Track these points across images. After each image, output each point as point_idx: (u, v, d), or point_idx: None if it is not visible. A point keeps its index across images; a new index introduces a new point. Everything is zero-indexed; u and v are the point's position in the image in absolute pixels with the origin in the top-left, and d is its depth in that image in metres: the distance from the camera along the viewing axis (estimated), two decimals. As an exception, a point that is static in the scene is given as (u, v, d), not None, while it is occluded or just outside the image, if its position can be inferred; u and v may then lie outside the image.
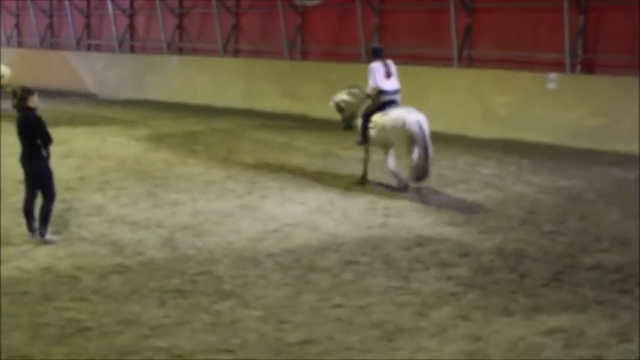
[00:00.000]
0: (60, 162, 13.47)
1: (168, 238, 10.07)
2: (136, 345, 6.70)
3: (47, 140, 9.69)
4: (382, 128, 12.98)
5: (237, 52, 28.66)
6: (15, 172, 14.03)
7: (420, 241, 10.09)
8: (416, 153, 12.34)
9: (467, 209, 11.98)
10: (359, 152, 16.10)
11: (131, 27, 32.88)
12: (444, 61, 21.92)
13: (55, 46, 37.13)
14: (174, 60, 30.03)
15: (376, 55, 13.77)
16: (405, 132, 12.50)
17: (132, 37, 32.98)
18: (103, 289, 8.07)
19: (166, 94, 29.00)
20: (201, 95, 27.74)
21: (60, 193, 11.86)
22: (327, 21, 25.62)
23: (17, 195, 12.20)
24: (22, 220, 10.17)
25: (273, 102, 25.26)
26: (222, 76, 27.75)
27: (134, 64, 31.89)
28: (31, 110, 9.72)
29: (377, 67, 13.36)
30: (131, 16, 32.77)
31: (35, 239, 9.74)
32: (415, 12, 23.14)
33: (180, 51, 30.79)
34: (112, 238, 10.00)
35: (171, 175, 14.38)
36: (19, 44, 39.44)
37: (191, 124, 21.72)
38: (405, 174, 12.88)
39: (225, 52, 28.54)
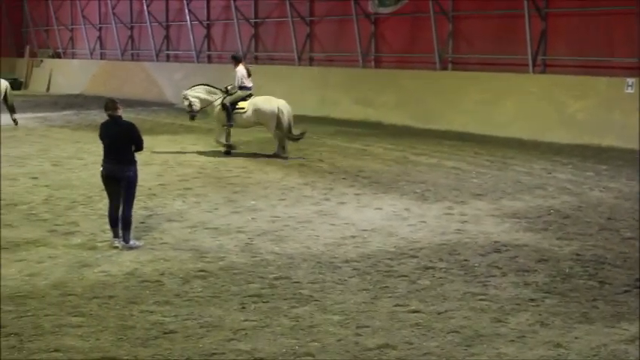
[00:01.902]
0: (142, 169, 13.73)
1: (248, 243, 10.27)
2: (219, 348, 6.86)
3: (140, 147, 10.05)
4: (256, 111, 17.70)
5: (311, 61, 28.91)
6: (98, 179, 14.53)
7: (498, 247, 10.08)
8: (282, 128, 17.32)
9: (544, 215, 11.90)
10: (432, 158, 16.24)
11: (208, 37, 33.48)
12: (518, 67, 21.74)
13: (135, 57, 38.01)
14: (250, 69, 30.37)
15: (239, 60, 18.44)
16: (275, 112, 17.49)
17: (209, 48, 33.56)
18: (186, 293, 8.29)
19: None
20: (277, 103, 28.01)
21: (142, 199, 12.30)
22: (400, 29, 25.67)
23: (102, 202, 12.61)
24: (107, 227, 10.51)
25: (347, 109, 25.42)
26: (297, 84, 28.03)
27: (211, 74, 32.40)
28: (121, 118, 10.10)
29: (241, 69, 18.04)
30: (208, 27, 33.37)
31: (121, 245, 10.03)
32: (489, 18, 23.02)
33: (256, 60, 31.21)
34: (193, 244, 10.25)
35: (250, 181, 14.64)
36: (102, 56, 40.48)
37: (267, 132, 21.94)
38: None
39: (300, 60, 28.82)
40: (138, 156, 10.31)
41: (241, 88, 17.99)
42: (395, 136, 20.63)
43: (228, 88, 18.18)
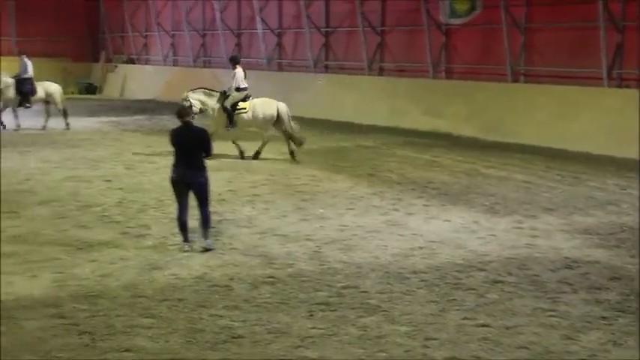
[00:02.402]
0: (212, 175, 13.94)
1: (316, 251, 10.32)
2: (286, 354, 6.91)
3: (209, 153, 10.22)
4: (255, 112, 18.50)
5: (381, 71, 28.90)
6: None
7: (569, 263, 9.92)
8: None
9: (617, 232, 11.66)
10: (502, 171, 16.13)
11: (279, 45, 33.73)
12: (592, 81, 21.37)
13: (207, 64, 38.50)
14: (320, 78, 30.58)
15: (237, 62, 19.36)
16: (274, 115, 18.39)
17: (280, 55, 33.82)
18: (255, 299, 8.36)
19: (312, 111, 29.51)
20: (346, 112, 28.12)
21: (213, 204, 12.34)
22: (472, 39, 25.48)
23: (173, 205, 12.76)
24: (177, 230, 10.68)
25: (417, 120, 25.32)
26: (367, 94, 28.05)
27: (281, 82, 32.65)
28: (192, 124, 10.28)
29: (240, 71, 18.84)
30: (279, 35, 33.63)
31: (190, 249, 10.16)
32: (562, 30, 22.68)
33: (326, 69, 31.33)
34: (262, 250, 10.35)
35: (318, 190, 14.70)
36: (174, 62, 41.12)
37: (337, 141, 22.11)
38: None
39: (369, 70, 28.84)
40: (207, 162, 10.46)
41: (238, 89, 18.75)
42: (465, 148, 20.48)
43: (226, 90, 18.98)
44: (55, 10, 44.77)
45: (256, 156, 18.40)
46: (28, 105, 23.86)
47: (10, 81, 23.72)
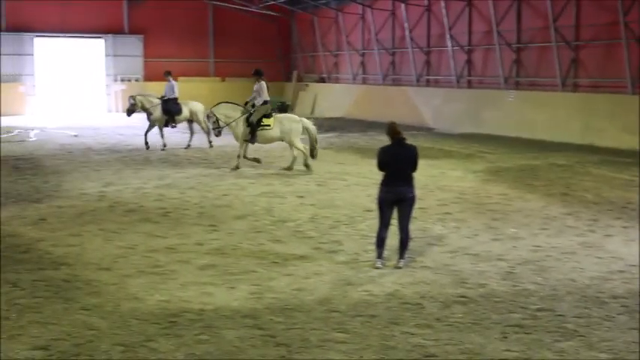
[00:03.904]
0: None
1: (509, 271, 10.11)
2: (480, 375, 6.82)
3: (415, 169, 10.33)
4: (283, 128, 19.10)
5: (575, 87, 27.98)
6: (361, 200, 15.00)
7: None
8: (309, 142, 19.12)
9: None
10: None
11: (469, 62, 33.45)
12: None
13: (396, 82, 38.78)
14: (511, 95, 30.03)
15: (260, 75, 19.44)
16: (300, 130, 19.21)
17: (469, 73, 33.53)
18: (447, 318, 8.30)
19: (502, 129, 29.07)
20: (538, 130, 27.45)
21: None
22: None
23: (364, 222, 12.99)
24: (369, 247, 10.78)
25: (614, 138, 24.30)
26: (559, 112, 27.25)
27: (470, 99, 32.38)
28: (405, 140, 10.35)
29: (264, 84, 19.27)
30: (469, 52, 33.35)
31: (382, 266, 10.22)
32: None
33: (517, 85, 30.73)
34: (453, 269, 10.25)
35: (510, 209, 14.40)
36: (364, 81, 41.71)
37: (528, 159, 21.60)
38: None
39: (563, 86, 28.00)
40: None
41: (264, 102, 19.32)
42: (668, 167, 19.42)
43: (255, 103, 19.31)
44: (250, 33, 46.74)
45: (289, 167, 19.41)
46: (174, 125, 24.90)
47: (157, 101, 24.85)
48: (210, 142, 24.95)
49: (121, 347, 7.41)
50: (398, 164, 10.21)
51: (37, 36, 43.43)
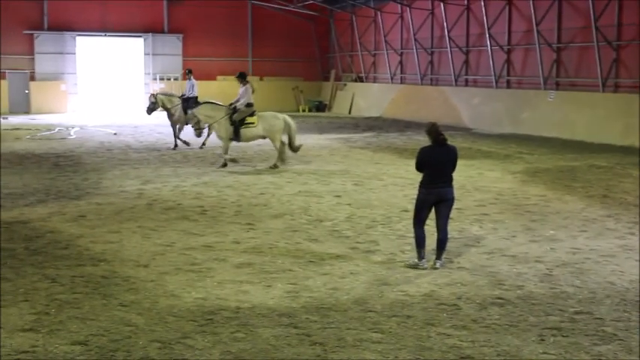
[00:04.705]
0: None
1: (547, 274, 10.01)
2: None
3: (454, 169, 10.33)
4: (265, 125, 19.71)
5: (617, 87, 27.64)
6: (398, 200, 14.98)
7: None
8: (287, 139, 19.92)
9: None
10: None
11: (508, 62, 33.21)
12: None
13: (434, 82, 38.63)
14: (551, 95, 29.75)
15: (245, 78, 20.28)
16: (282, 126, 19.80)
17: (508, 73, 33.28)
18: (483, 320, 8.24)
19: (541, 129, 28.83)
20: (577, 131, 27.18)
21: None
22: None
23: (401, 223, 12.96)
24: (406, 247, 10.73)
25: (655, 139, 23.98)
26: (600, 112, 26.96)
27: (509, 99, 32.15)
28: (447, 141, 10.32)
29: (249, 87, 19.90)
30: (508, 52, 33.11)
31: (423, 266, 10.17)
32: None
33: (557, 86, 30.44)
34: (490, 270, 10.18)
35: (548, 210, 14.27)
36: (402, 80, 41.61)
37: (568, 160, 21.39)
38: None
39: (604, 87, 27.68)
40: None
41: (247, 105, 19.87)
42: None
43: (237, 105, 19.78)
44: (288, 33, 46.87)
45: (277, 165, 19.88)
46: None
47: (178, 101, 24.79)
48: (203, 143, 24.59)
49: (158, 344, 7.47)
50: (439, 165, 10.17)
51: (78, 35, 43.98)
